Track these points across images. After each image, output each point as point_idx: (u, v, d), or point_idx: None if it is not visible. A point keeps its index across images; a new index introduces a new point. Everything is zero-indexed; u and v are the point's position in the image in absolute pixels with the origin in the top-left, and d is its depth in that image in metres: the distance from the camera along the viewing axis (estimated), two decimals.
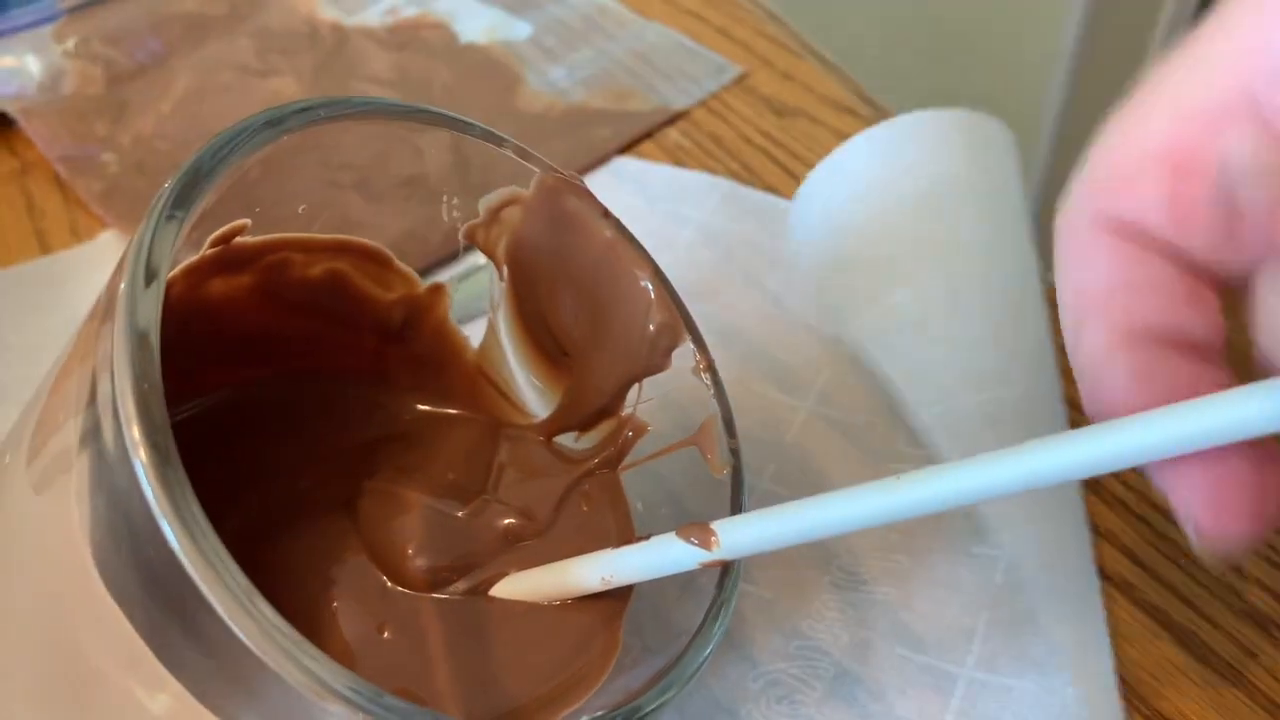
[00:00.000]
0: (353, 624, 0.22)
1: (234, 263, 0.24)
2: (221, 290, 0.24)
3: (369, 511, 0.24)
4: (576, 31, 0.48)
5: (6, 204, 0.42)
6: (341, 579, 0.23)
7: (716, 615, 0.21)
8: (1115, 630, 0.28)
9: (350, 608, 0.23)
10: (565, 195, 0.24)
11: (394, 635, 0.22)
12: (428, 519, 0.24)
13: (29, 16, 0.48)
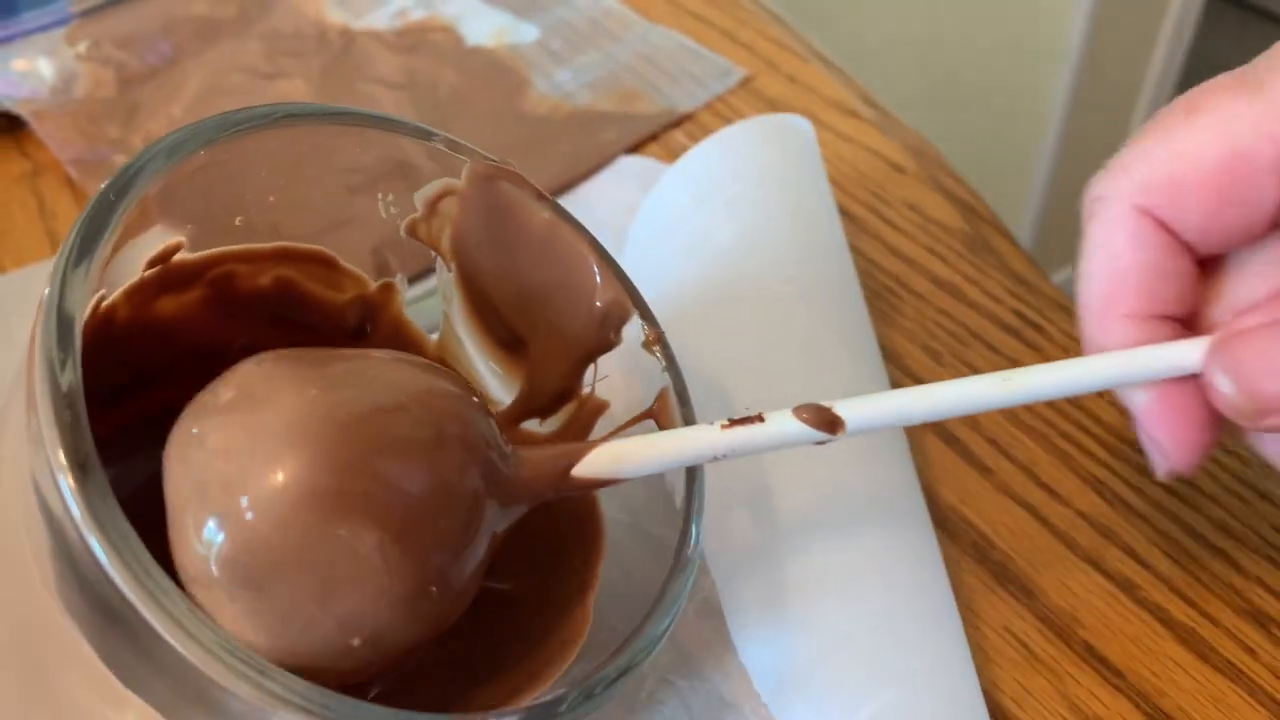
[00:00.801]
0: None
1: (178, 281, 0.24)
2: (171, 309, 0.24)
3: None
4: (583, 34, 0.49)
5: (19, 205, 0.42)
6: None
7: (677, 582, 0.21)
8: (1120, 630, 0.28)
9: None
10: (498, 182, 0.24)
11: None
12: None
13: (41, 20, 0.48)
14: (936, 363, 0.35)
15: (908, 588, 0.27)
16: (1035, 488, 0.31)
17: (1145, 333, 0.23)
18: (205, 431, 0.19)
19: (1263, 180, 0.22)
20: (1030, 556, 0.30)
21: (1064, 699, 0.27)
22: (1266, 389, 0.21)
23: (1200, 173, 0.22)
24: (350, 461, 0.19)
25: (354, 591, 0.18)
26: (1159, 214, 0.23)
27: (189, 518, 0.19)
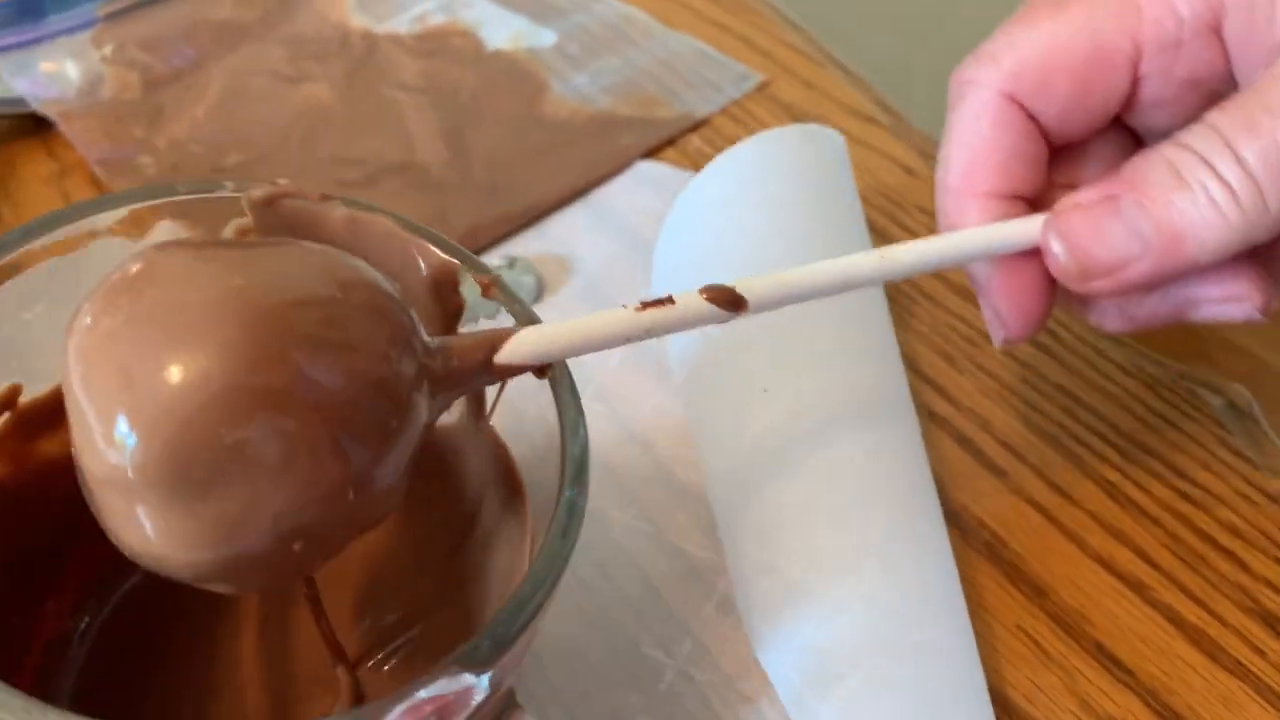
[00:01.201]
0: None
1: (39, 419, 0.23)
2: (57, 447, 0.23)
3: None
4: (600, 39, 0.49)
5: (46, 205, 0.43)
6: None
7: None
8: (1130, 629, 0.29)
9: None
10: (279, 202, 0.24)
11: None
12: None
13: (68, 23, 0.49)
14: (952, 366, 0.35)
15: (921, 588, 0.28)
16: (1047, 489, 0.32)
17: (999, 210, 0.26)
18: (115, 320, 0.18)
19: (1119, 73, 0.25)
20: (1042, 556, 0.30)
21: (1075, 696, 0.28)
22: (1094, 253, 0.24)
23: (1067, 63, 0.25)
24: (275, 350, 0.18)
25: (286, 488, 0.18)
26: (1024, 101, 0.25)
27: (97, 416, 0.17)
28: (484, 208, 0.40)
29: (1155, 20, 0.25)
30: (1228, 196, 0.23)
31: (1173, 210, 0.23)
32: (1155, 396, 0.34)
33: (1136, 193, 0.24)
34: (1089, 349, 0.36)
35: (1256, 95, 0.23)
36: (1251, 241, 0.23)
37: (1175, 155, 0.23)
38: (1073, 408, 0.34)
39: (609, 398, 0.34)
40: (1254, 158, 0.22)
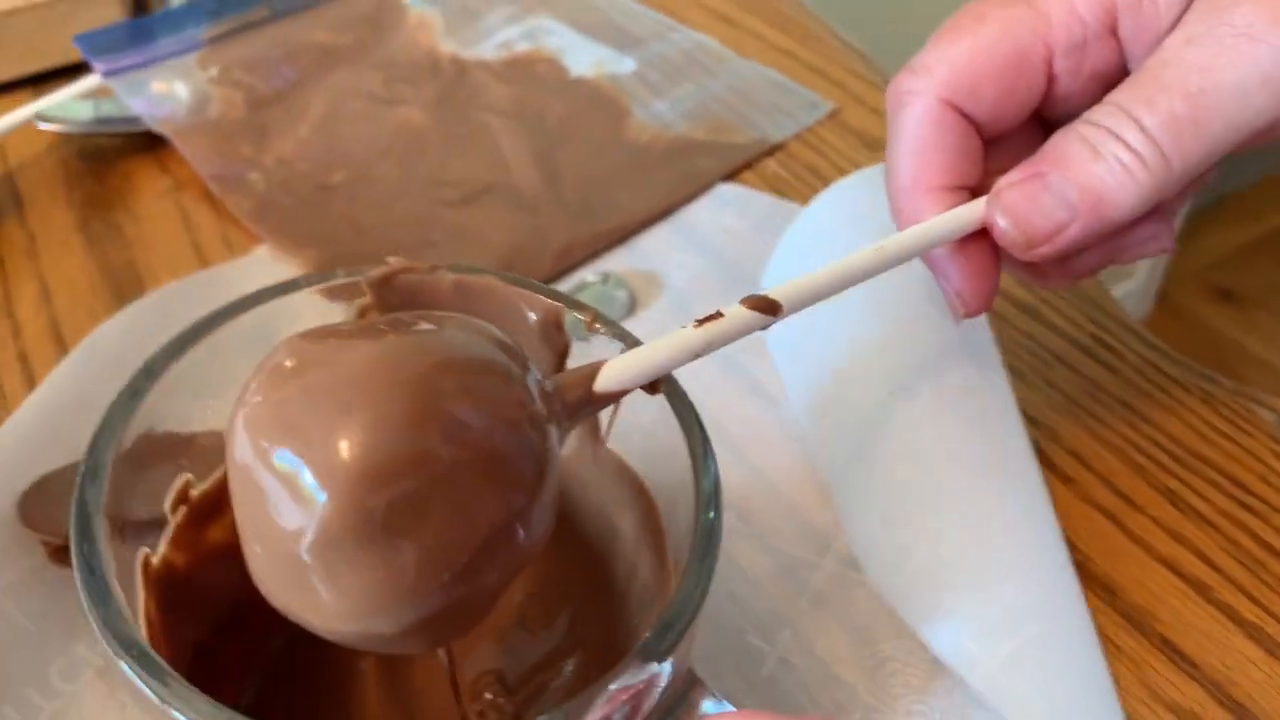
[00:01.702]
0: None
1: (211, 510, 0.25)
2: (226, 535, 0.25)
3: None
4: (677, 67, 0.52)
5: (164, 219, 0.46)
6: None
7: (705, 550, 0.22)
8: (1194, 626, 0.31)
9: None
10: (395, 279, 0.26)
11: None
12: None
13: (175, 46, 0.52)
14: (1021, 381, 0.38)
15: (1052, 554, 0.31)
16: (1113, 496, 0.34)
17: (949, 201, 0.29)
18: (285, 394, 0.19)
19: (1037, 74, 0.29)
20: (1110, 559, 0.33)
21: (1145, 686, 0.30)
22: (1033, 223, 0.27)
23: (992, 68, 0.28)
24: (429, 409, 0.19)
25: (456, 531, 0.19)
26: (958, 104, 0.29)
27: (280, 481, 0.19)
28: (577, 226, 0.43)
29: (1063, 26, 0.28)
30: (1137, 162, 0.26)
31: (1093, 179, 0.27)
32: (1212, 411, 0.37)
33: (1060, 168, 0.27)
34: (1150, 367, 0.38)
35: (1150, 74, 0.27)
36: (1162, 197, 0.27)
37: (1088, 132, 0.27)
38: (1135, 421, 0.36)
39: (702, 408, 0.37)
40: (1155, 127, 0.26)
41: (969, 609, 0.30)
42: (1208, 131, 0.26)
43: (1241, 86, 0.26)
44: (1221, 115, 0.26)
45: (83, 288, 0.43)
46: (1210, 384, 0.38)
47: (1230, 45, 0.26)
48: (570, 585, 0.29)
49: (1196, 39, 0.26)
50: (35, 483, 0.33)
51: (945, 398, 0.33)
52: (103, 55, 0.50)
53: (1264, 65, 0.25)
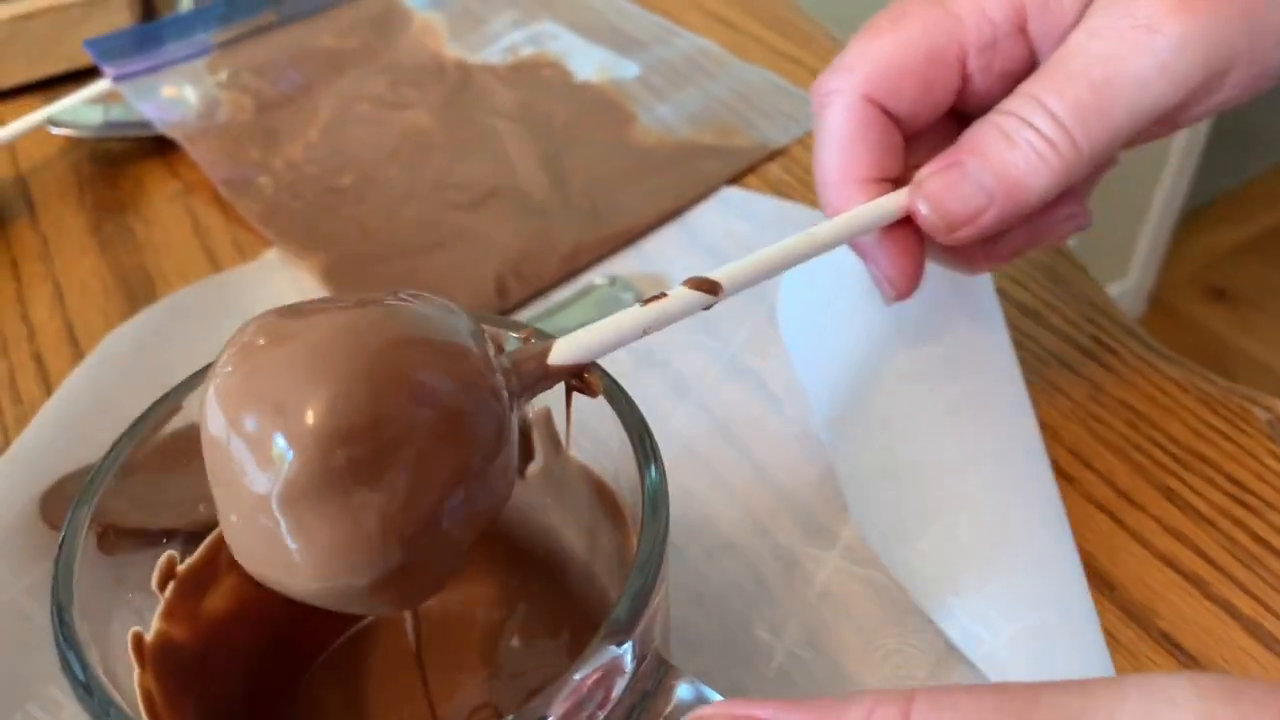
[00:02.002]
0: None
1: (201, 581, 0.26)
2: (221, 604, 0.26)
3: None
4: (680, 72, 0.53)
5: (174, 222, 0.46)
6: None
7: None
8: (1193, 621, 0.32)
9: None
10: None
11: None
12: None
13: (184, 51, 0.53)
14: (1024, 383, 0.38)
15: (1062, 545, 0.32)
16: (1113, 494, 0.35)
17: (873, 192, 0.30)
18: (255, 365, 0.20)
19: (952, 72, 0.30)
20: (1110, 555, 0.34)
21: None
22: (953, 209, 0.29)
23: (911, 67, 0.30)
24: (395, 372, 0.20)
25: (429, 476, 0.20)
26: (880, 101, 0.30)
27: (252, 443, 0.19)
28: (584, 229, 0.44)
29: (975, 27, 0.30)
30: (1049, 148, 0.28)
31: (1008, 165, 0.28)
32: (1210, 411, 0.37)
33: (978, 155, 0.29)
34: (1148, 367, 0.39)
35: (1058, 65, 0.28)
36: (1073, 179, 0.29)
37: (1002, 121, 0.29)
38: (1134, 420, 0.37)
39: (708, 409, 0.38)
40: (1065, 114, 0.28)
41: (977, 594, 0.31)
42: (1112, 117, 0.28)
43: (1141, 75, 0.27)
44: (1124, 102, 0.28)
45: (95, 290, 0.43)
46: (1207, 384, 0.38)
47: (1130, 37, 0.27)
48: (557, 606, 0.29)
49: (1100, 31, 0.28)
50: (55, 483, 0.34)
51: (964, 395, 0.34)
52: (113, 60, 0.51)
53: (1161, 55, 0.27)
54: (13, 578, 0.32)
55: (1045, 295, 0.42)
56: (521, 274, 0.42)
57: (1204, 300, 1.57)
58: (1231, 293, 1.58)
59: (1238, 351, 1.48)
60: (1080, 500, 0.35)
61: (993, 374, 0.35)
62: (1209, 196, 1.65)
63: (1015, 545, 0.31)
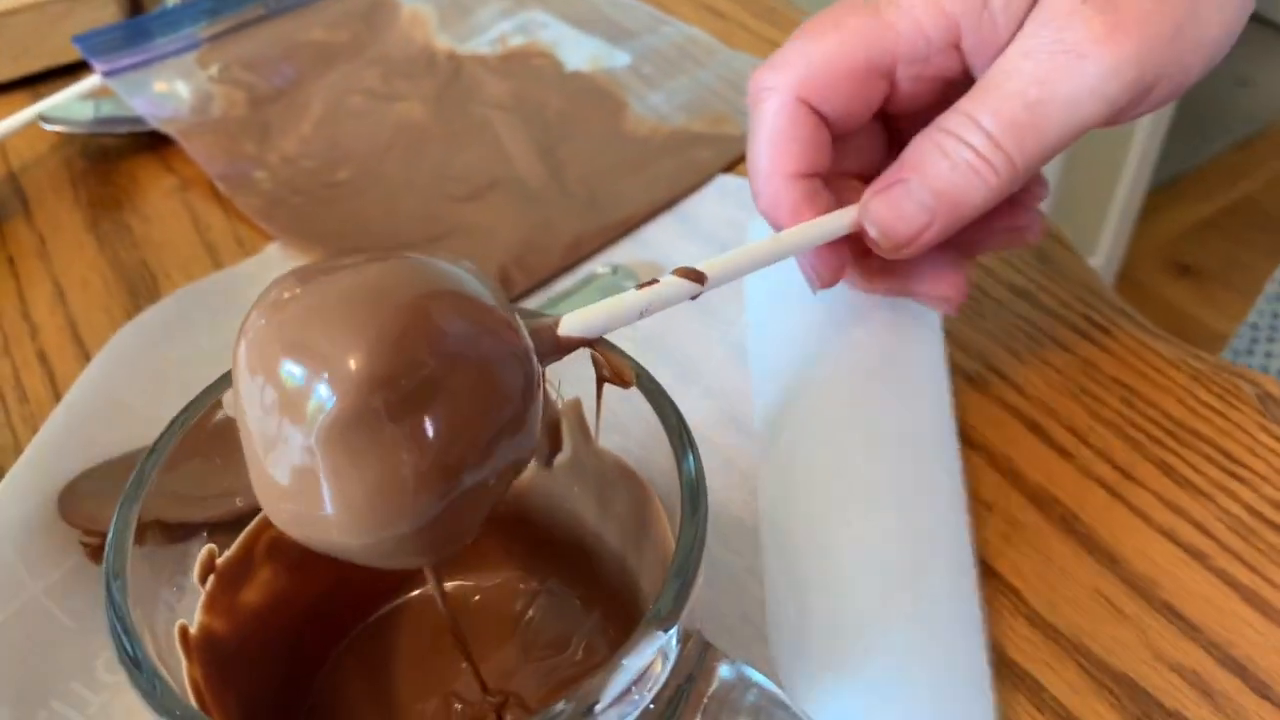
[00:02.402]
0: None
1: (239, 574, 0.26)
2: (257, 596, 0.27)
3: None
4: (670, 60, 0.53)
5: (173, 218, 0.46)
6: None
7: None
8: (1194, 591, 0.33)
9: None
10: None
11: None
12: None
13: (174, 45, 0.52)
14: (1018, 360, 0.39)
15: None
16: (1112, 470, 0.36)
17: (800, 186, 0.32)
18: (288, 315, 0.20)
19: (882, 80, 0.31)
20: (1112, 530, 0.35)
21: (1149, 648, 0.32)
22: (898, 229, 0.31)
23: (844, 71, 0.31)
24: (424, 321, 0.20)
25: (458, 425, 0.20)
26: (812, 101, 0.31)
27: (291, 388, 0.20)
28: (584, 219, 0.44)
29: (909, 40, 0.31)
30: (985, 165, 0.29)
31: (947, 183, 0.30)
32: (1201, 387, 0.39)
33: (918, 174, 0.30)
34: (1140, 345, 0.40)
35: (994, 84, 0.30)
36: (1009, 193, 0.30)
37: (941, 139, 0.30)
38: (1129, 398, 0.38)
39: (717, 393, 0.38)
40: (1000, 133, 0.29)
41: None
42: (1045, 136, 0.29)
43: (1073, 97, 0.29)
44: (1057, 122, 0.29)
45: (97, 288, 0.43)
46: (1197, 361, 0.39)
47: (1062, 61, 0.29)
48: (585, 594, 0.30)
49: (1033, 53, 0.29)
50: (71, 481, 0.34)
51: (885, 426, 0.34)
52: (102, 56, 0.51)
53: (1090, 79, 0.28)
54: (31, 578, 0.33)
55: (1037, 277, 0.43)
56: (525, 264, 0.42)
57: (1170, 276, 1.60)
58: (1196, 268, 1.60)
59: (1204, 326, 1.50)
60: (1079, 476, 0.36)
61: (921, 406, 0.35)
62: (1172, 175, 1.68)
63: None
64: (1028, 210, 0.34)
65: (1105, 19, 0.28)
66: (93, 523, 0.33)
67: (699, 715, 0.20)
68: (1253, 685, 0.31)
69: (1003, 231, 0.34)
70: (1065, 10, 0.29)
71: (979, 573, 0.33)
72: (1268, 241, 1.62)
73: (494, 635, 0.29)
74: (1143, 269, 1.59)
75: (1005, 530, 0.35)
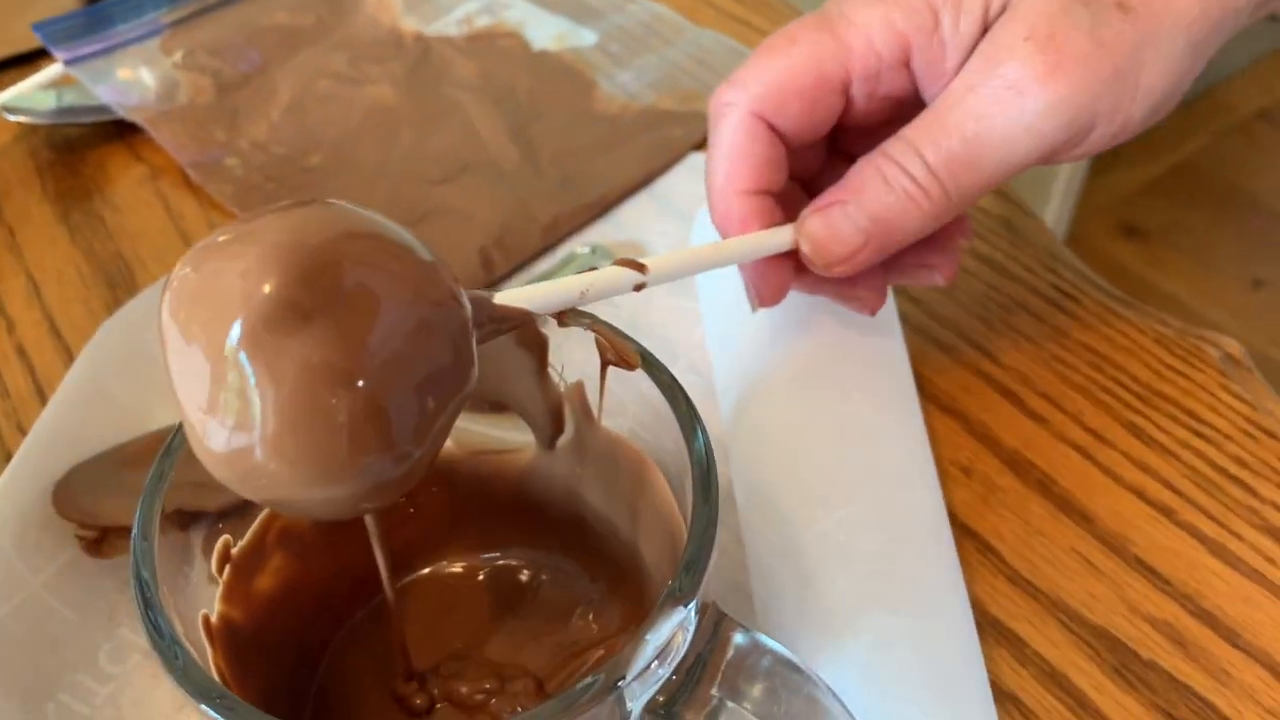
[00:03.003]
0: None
1: (253, 563, 0.27)
2: (271, 583, 0.27)
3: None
4: (637, 38, 0.54)
5: (146, 208, 0.46)
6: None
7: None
8: (1165, 547, 0.34)
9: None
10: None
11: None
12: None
13: (136, 31, 0.52)
14: (991, 330, 0.40)
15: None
16: (1084, 433, 0.37)
17: (754, 204, 0.32)
18: (183, 275, 0.20)
19: (836, 96, 0.32)
20: (1085, 490, 0.36)
21: (1124, 602, 0.33)
22: (831, 249, 0.31)
23: (799, 88, 0.32)
24: (332, 259, 0.20)
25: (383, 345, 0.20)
26: (768, 118, 0.32)
27: (207, 324, 0.20)
28: (561, 200, 0.45)
29: (862, 57, 0.32)
30: (921, 194, 0.30)
31: (884, 208, 0.31)
32: (1165, 351, 0.40)
33: (857, 196, 0.31)
34: (1106, 312, 0.41)
35: (936, 116, 0.30)
36: (942, 222, 0.31)
37: (882, 164, 0.31)
38: (1098, 363, 0.39)
39: (700, 370, 0.39)
40: (938, 165, 0.30)
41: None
42: (981, 170, 0.30)
43: (1010, 134, 0.30)
44: (993, 157, 0.30)
45: (72, 280, 0.43)
46: (1162, 326, 0.41)
47: (1001, 97, 0.30)
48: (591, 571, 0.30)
49: (975, 88, 0.30)
50: (64, 475, 0.34)
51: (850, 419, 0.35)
52: (63, 43, 0.50)
53: (1027, 117, 0.29)
54: (29, 573, 0.33)
55: (1005, 247, 0.44)
56: (504, 246, 0.43)
57: (1117, 238, 1.63)
58: (1142, 230, 1.63)
59: (1152, 288, 1.53)
60: (1053, 440, 0.37)
61: (884, 403, 0.36)
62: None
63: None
64: (943, 251, 0.35)
65: (1046, 58, 0.29)
66: (87, 516, 0.34)
67: (717, 683, 0.21)
68: (1222, 634, 0.33)
69: (913, 267, 0.35)
70: (1008, 45, 0.30)
71: (959, 535, 0.34)
72: (1210, 203, 1.65)
73: (500, 612, 0.30)
74: (1090, 232, 1.62)
75: (984, 493, 0.36)
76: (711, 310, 0.40)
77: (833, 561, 0.31)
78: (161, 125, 0.48)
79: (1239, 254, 1.54)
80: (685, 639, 0.21)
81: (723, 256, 0.32)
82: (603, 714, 0.20)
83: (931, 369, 0.39)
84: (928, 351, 0.40)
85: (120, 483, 0.35)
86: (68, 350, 0.41)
